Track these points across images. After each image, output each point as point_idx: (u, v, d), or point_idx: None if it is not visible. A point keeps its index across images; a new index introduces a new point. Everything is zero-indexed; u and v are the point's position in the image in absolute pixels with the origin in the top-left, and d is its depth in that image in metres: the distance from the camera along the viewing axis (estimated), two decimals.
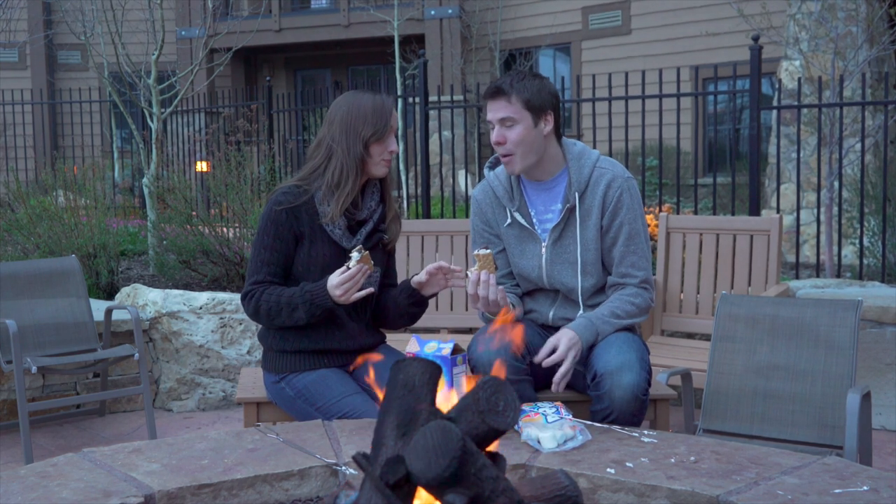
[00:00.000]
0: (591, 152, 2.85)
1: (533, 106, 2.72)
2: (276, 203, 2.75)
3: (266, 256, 2.75)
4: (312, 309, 2.67)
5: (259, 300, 2.72)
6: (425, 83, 6.63)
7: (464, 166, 10.73)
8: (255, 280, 2.75)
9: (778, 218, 4.20)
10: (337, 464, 2.11)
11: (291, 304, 2.68)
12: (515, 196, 2.86)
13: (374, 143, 2.75)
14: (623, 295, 2.78)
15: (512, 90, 2.71)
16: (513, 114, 2.71)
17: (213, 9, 8.08)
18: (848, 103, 5.68)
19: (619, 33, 13.18)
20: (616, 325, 2.74)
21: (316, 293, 2.65)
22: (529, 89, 2.72)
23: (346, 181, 2.73)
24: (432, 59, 13.48)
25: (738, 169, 6.72)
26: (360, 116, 2.75)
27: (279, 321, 2.72)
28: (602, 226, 2.79)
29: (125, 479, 2.00)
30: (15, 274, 4.35)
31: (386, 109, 2.77)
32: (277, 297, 2.70)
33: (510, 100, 2.71)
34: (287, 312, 2.69)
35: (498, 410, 1.55)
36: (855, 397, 2.49)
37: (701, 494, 1.92)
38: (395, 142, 2.79)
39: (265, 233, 2.75)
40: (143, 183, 6.72)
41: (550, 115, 2.77)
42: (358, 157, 2.74)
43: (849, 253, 6.85)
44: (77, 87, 13.31)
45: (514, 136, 2.72)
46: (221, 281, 5.87)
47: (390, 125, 2.76)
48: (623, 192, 2.78)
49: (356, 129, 2.75)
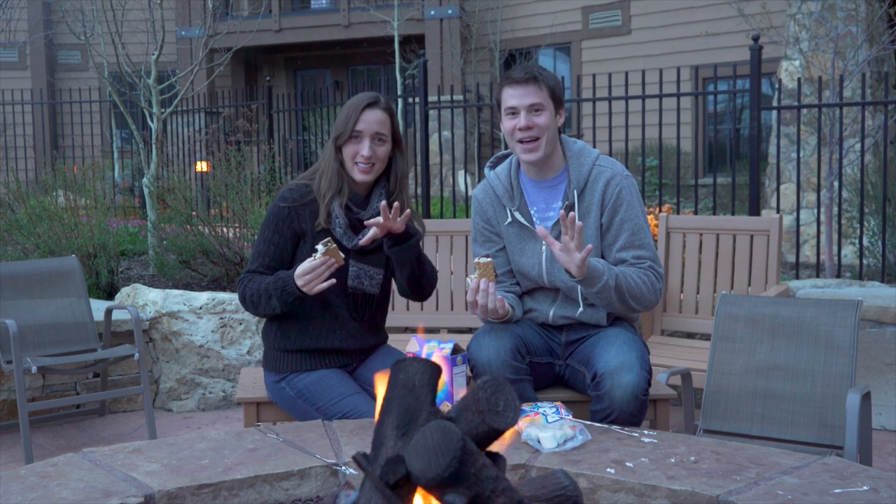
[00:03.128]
0: (590, 150, 2.85)
1: (556, 96, 2.78)
2: (282, 199, 2.79)
3: (262, 248, 2.79)
4: (284, 296, 2.68)
5: (246, 287, 2.78)
6: (425, 83, 6.63)
7: (463, 166, 10.73)
8: (249, 269, 2.81)
9: (778, 218, 4.20)
10: (337, 464, 2.11)
11: (268, 291, 2.71)
12: (516, 195, 2.86)
13: (345, 146, 2.75)
14: (634, 269, 2.72)
15: (542, 77, 2.74)
16: (542, 100, 2.74)
17: (213, 9, 8.08)
18: (848, 103, 5.68)
19: (619, 33, 13.18)
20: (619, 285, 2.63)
21: (287, 281, 2.67)
22: (553, 80, 2.78)
23: (329, 185, 2.74)
24: (432, 59, 13.48)
25: (738, 169, 6.73)
26: (339, 118, 2.78)
27: (261, 309, 2.76)
28: (602, 223, 2.79)
29: (125, 479, 2.00)
30: (15, 274, 4.35)
31: (354, 112, 2.73)
32: (258, 285, 2.74)
33: (540, 86, 2.73)
34: (265, 300, 2.72)
35: (498, 410, 1.55)
36: (855, 397, 2.49)
37: (701, 494, 1.92)
38: (367, 146, 2.73)
39: (267, 226, 2.80)
40: (143, 183, 6.72)
41: (563, 110, 2.84)
42: (333, 161, 2.76)
43: (849, 253, 6.85)
44: (77, 87, 13.31)
45: (542, 121, 2.73)
46: (221, 281, 5.87)
47: (356, 129, 2.72)
48: (622, 189, 2.77)
49: (334, 130, 2.79)
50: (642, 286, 2.69)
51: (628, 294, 2.66)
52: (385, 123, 2.76)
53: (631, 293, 2.66)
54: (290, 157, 9.31)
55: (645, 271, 2.73)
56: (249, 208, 5.93)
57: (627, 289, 2.65)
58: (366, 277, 2.81)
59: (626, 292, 2.65)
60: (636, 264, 2.73)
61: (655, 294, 2.74)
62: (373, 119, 2.73)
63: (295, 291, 2.65)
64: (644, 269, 2.73)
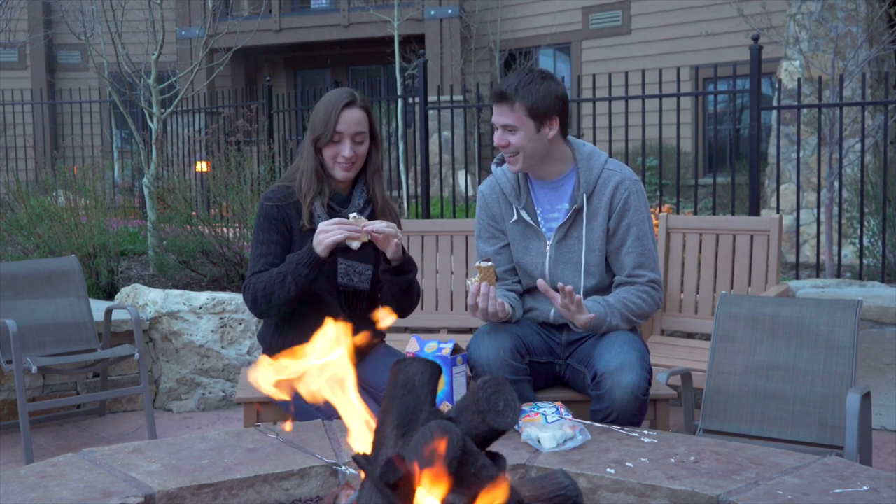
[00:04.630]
0: (600, 154, 2.85)
1: (537, 112, 2.69)
2: (267, 199, 2.78)
3: (262, 249, 2.75)
4: (298, 269, 2.63)
5: (255, 286, 2.71)
6: (425, 83, 6.63)
7: (463, 166, 10.73)
8: (252, 272, 2.75)
9: (778, 218, 4.20)
10: (337, 464, 2.11)
11: (280, 273, 2.66)
12: (522, 193, 2.86)
13: (325, 147, 2.73)
14: (631, 289, 2.78)
15: (516, 96, 2.68)
16: (514, 122, 2.70)
17: (213, 9, 8.08)
18: (848, 103, 5.68)
19: (619, 33, 13.18)
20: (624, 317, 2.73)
21: (300, 254, 2.63)
22: (534, 95, 2.69)
23: (309, 185, 2.73)
24: (432, 59, 13.48)
25: (738, 169, 6.72)
26: (315, 119, 2.74)
27: (276, 299, 2.68)
28: (608, 227, 2.79)
29: (125, 479, 2.00)
30: (15, 274, 4.35)
31: (333, 113, 2.69)
32: (268, 277, 2.69)
33: (513, 107, 2.69)
34: (279, 286, 2.66)
35: (498, 410, 1.55)
36: (855, 397, 2.49)
37: (701, 494, 1.92)
38: (347, 147, 2.70)
39: (260, 228, 2.77)
40: (143, 183, 6.72)
41: (555, 120, 2.73)
42: (312, 161, 2.73)
43: (849, 253, 6.85)
44: (77, 87, 13.31)
45: (516, 141, 2.72)
46: (221, 281, 5.87)
47: (337, 129, 2.69)
48: (631, 194, 2.78)
49: (312, 132, 2.75)
50: (643, 305, 2.77)
51: (634, 318, 2.77)
52: (363, 122, 2.75)
53: (636, 315, 2.77)
54: (290, 157, 9.30)
55: (644, 289, 2.78)
56: (249, 208, 5.93)
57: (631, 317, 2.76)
58: (355, 274, 2.81)
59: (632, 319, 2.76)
60: (635, 281, 2.78)
61: (657, 306, 2.83)
62: (352, 119, 2.72)
63: (308, 256, 2.60)
64: (643, 285, 2.78)
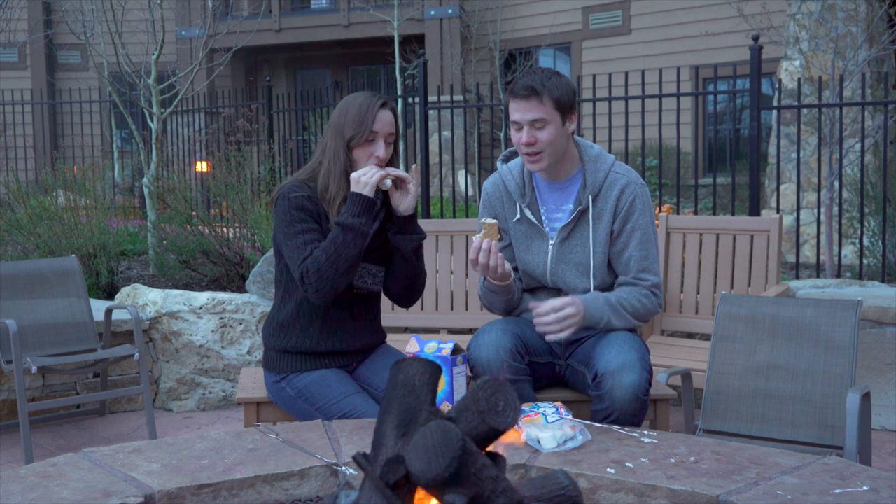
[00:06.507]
0: (607, 156, 2.84)
1: (563, 105, 2.69)
2: (292, 191, 2.71)
3: (305, 236, 2.66)
4: (355, 221, 2.58)
5: (315, 264, 2.60)
6: (425, 83, 6.63)
7: (463, 166, 10.73)
8: (302, 258, 2.63)
9: (778, 218, 4.20)
10: (337, 464, 2.11)
11: (337, 237, 2.59)
12: (527, 192, 2.85)
13: (357, 147, 2.71)
14: (633, 291, 2.77)
15: (544, 90, 2.66)
16: (545, 115, 2.66)
17: (213, 9, 8.08)
18: (848, 103, 5.67)
19: (619, 33, 13.18)
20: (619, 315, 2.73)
21: (346, 209, 2.61)
22: (559, 88, 2.68)
23: (338, 188, 2.70)
24: (432, 59, 13.48)
25: (738, 169, 6.73)
26: (346, 119, 2.72)
27: (343, 260, 2.59)
28: (613, 230, 2.79)
29: (125, 479, 2.00)
30: (15, 274, 4.35)
31: (370, 112, 2.69)
32: (323, 248, 2.60)
33: (542, 100, 2.66)
34: (343, 245, 2.59)
35: (498, 410, 1.55)
36: (855, 397, 2.49)
37: (701, 494, 1.92)
38: (382, 147, 2.71)
39: (293, 220, 2.67)
40: (143, 183, 6.72)
41: (575, 114, 2.75)
42: (342, 162, 2.71)
43: (849, 253, 6.85)
44: (77, 87, 13.31)
45: (546, 136, 2.68)
46: (221, 281, 5.88)
47: (373, 129, 2.70)
48: (636, 197, 2.78)
49: (342, 133, 2.72)
50: (639, 307, 2.76)
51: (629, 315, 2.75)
52: (394, 123, 2.77)
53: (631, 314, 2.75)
54: (290, 157, 9.31)
55: (645, 293, 2.77)
56: (249, 208, 5.93)
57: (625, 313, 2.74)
58: (369, 276, 2.81)
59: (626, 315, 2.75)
60: (637, 284, 2.78)
61: (654, 312, 2.82)
62: (387, 119, 2.73)
63: (359, 204, 2.59)
64: (644, 288, 2.78)
